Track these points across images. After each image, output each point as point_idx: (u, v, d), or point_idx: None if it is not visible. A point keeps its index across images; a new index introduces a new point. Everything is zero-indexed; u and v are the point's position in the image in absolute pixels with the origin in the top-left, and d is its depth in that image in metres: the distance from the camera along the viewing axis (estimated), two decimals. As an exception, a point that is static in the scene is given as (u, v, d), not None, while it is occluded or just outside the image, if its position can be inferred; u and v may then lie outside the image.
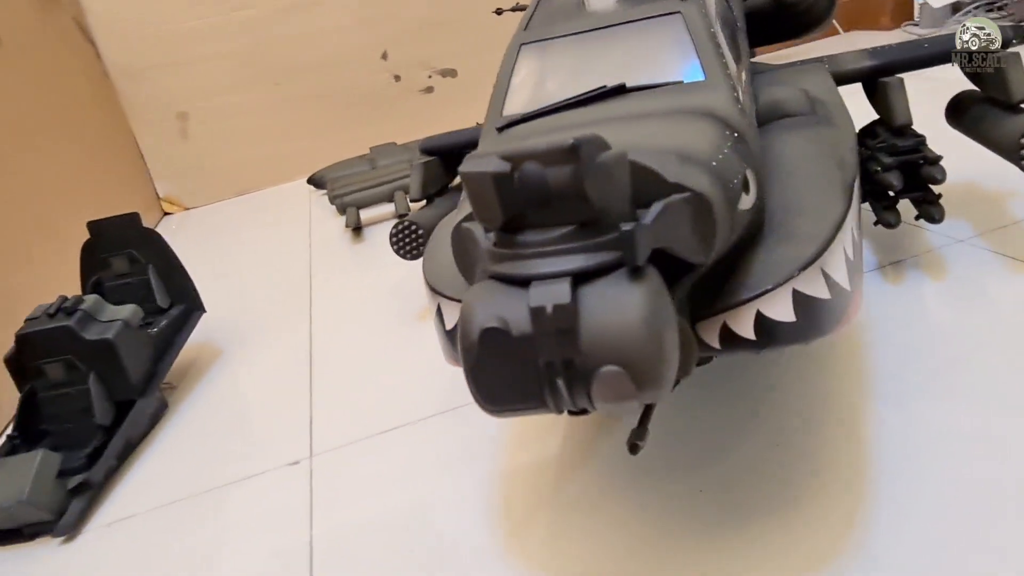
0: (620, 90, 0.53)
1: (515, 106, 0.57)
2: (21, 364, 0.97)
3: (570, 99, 0.53)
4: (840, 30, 2.35)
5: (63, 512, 0.84)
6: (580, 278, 0.37)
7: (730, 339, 0.46)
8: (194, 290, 1.17)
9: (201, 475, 0.90)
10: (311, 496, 0.80)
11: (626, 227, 0.36)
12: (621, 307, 0.36)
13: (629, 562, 0.62)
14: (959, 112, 0.99)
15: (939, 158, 0.88)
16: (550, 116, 0.54)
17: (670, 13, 0.54)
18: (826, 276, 0.47)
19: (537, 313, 0.36)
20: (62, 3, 1.97)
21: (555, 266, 0.37)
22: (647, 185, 0.40)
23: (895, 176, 0.89)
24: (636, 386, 0.36)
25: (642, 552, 0.63)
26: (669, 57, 0.55)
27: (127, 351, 0.98)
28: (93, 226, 1.14)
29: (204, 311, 1.18)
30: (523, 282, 0.38)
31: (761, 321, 0.46)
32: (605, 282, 0.37)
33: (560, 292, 0.36)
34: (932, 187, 0.91)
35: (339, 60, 2.28)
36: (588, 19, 0.58)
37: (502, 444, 0.81)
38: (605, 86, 0.53)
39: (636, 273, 0.37)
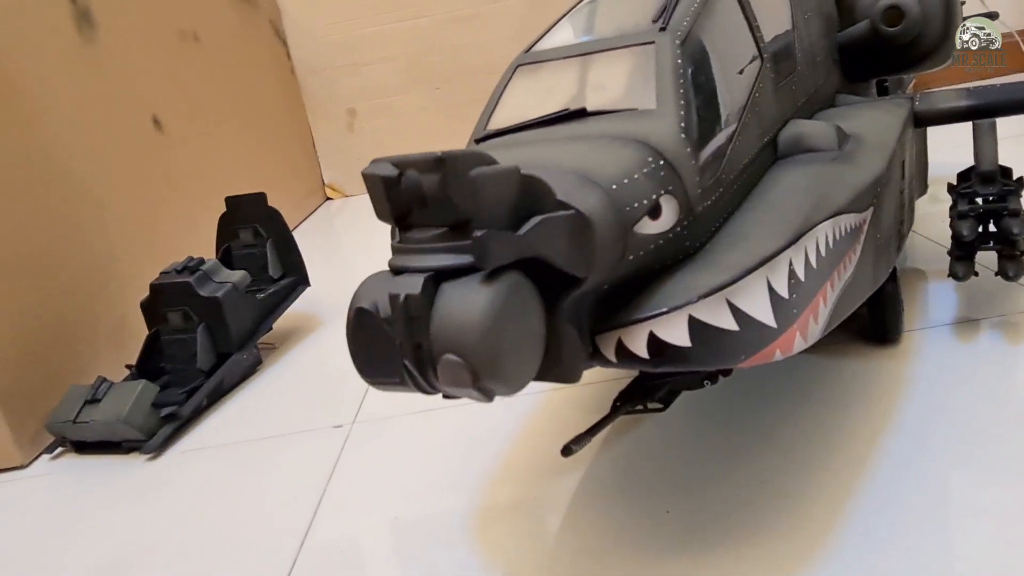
0: (581, 113, 0.57)
1: (499, 121, 0.62)
2: (152, 310, 1.16)
3: (537, 119, 0.58)
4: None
5: (153, 435, 1.01)
6: (446, 275, 0.42)
7: (625, 354, 0.48)
8: (303, 265, 1.32)
9: (267, 424, 1.03)
10: (339, 458, 0.90)
11: (479, 234, 0.40)
12: (466, 304, 0.41)
13: (576, 569, 0.65)
14: None
15: (1019, 211, 0.81)
16: (520, 133, 0.59)
17: (645, 43, 0.57)
18: (733, 307, 0.48)
19: (393, 299, 0.42)
20: (261, 7, 2.26)
21: (420, 262, 0.43)
22: (540, 199, 0.44)
23: (967, 225, 0.83)
24: (472, 376, 0.41)
25: (591, 560, 0.66)
26: (633, 85, 0.57)
27: (231, 310, 1.14)
28: (230, 201, 1.32)
29: (309, 285, 1.32)
30: (400, 273, 0.44)
31: (654, 341, 0.48)
32: (462, 281, 0.42)
33: (414, 284, 0.42)
34: (1015, 241, 0.84)
35: (496, 69, 2.39)
36: (580, 45, 0.62)
37: (516, 435, 0.86)
38: (568, 109, 0.57)
39: (491, 276, 0.41)
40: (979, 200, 0.85)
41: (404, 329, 0.42)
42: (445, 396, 0.46)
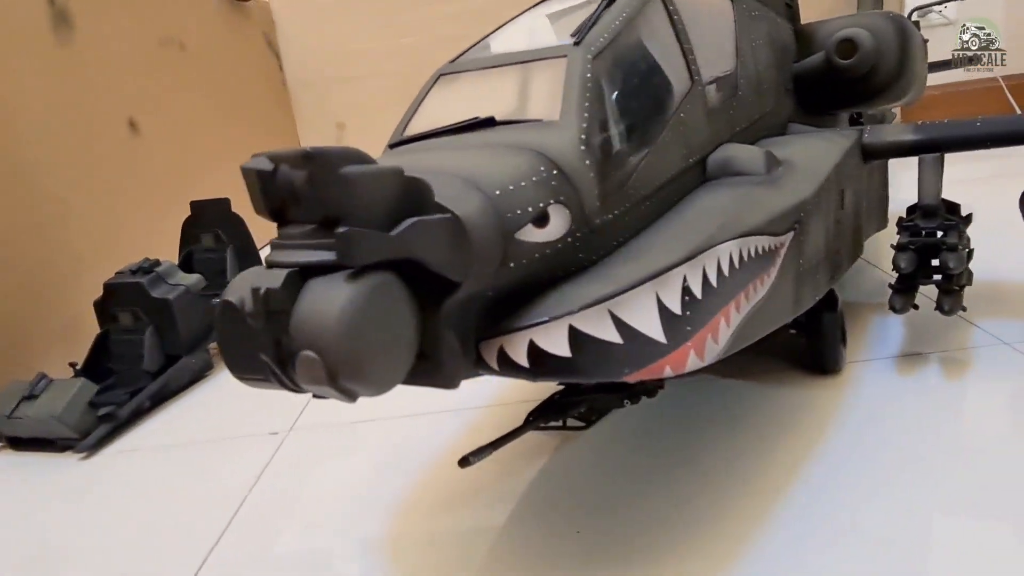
0: (490, 122, 0.57)
1: (414, 128, 0.63)
2: (104, 309, 1.16)
3: (449, 127, 0.58)
4: (1017, 109, 2.11)
5: (88, 434, 1.00)
6: (315, 271, 0.42)
7: (506, 362, 0.48)
8: (262, 272, 1.31)
9: (206, 428, 1.02)
10: (267, 465, 0.89)
11: (342, 231, 0.40)
12: (325, 301, 0.40)
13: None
14: None
15: (956, 246, 0.81)
16: (430, 139, 0.59)
17: (559, 56, 0.57)
18: (616, 319, 0.47)
19: (254, 293, 0.42)
20: (254, 19, 2.28)
21: (288, 257, 0.42)
22: (421, 201, 0.44)
23: (905, 258, 0.82)
24: (328, 374, 0.40)
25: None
26: (542, 96, 0.57)
27: (182, 312, 1.13)
28: (195, 205, 1.32)
29: (268, 292, 1.32)
30: (271, 268, 0.43)
31: (534, 350, 0.47)
32: (327, 278, 0.41)
33: (276, 278, 0.41)
34: (952, 276, 0.83)
35: (485, 90, 2.43)
36: (500, 56, 0.63)
37: (455, 448, 0.85)
38: (477, 118, 0.57)
39: (356, 274, 0.41)
40: (921, 233, 0.85)
41: (264, 323, 0.42)
42: (314, 396, 0.45)
